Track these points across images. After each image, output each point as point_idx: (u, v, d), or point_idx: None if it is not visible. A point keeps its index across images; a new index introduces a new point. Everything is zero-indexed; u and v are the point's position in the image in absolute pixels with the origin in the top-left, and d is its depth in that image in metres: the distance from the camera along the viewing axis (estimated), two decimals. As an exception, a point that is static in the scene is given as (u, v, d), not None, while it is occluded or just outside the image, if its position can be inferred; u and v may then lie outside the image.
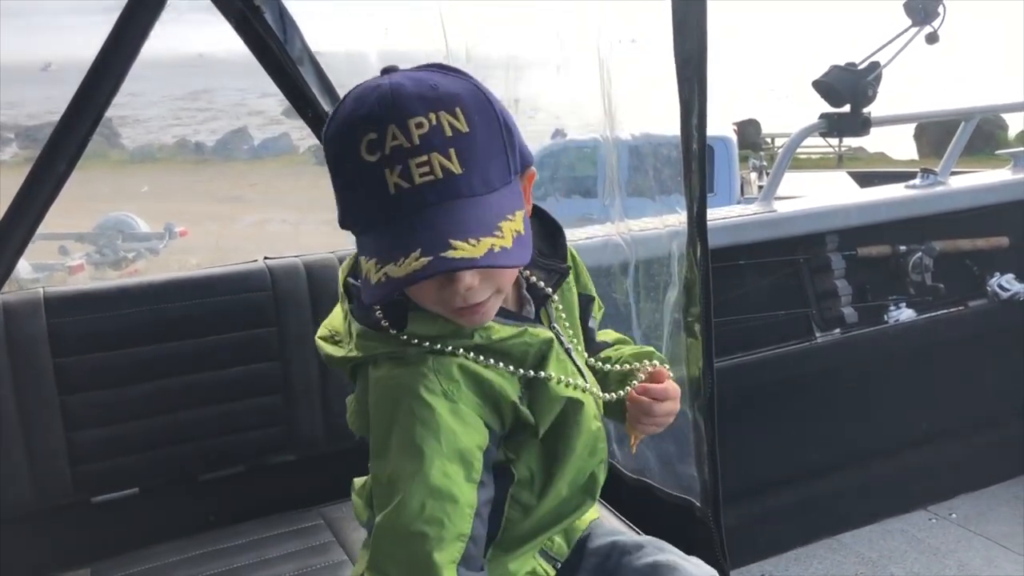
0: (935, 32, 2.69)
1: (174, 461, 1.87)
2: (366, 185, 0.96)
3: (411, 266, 0.93)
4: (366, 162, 0.95)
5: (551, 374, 1.14)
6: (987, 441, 2.99)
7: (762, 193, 2.91)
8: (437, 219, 0.95)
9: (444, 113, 0.96)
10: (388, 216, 0.97)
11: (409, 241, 0.95)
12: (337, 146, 0.99)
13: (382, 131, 0.95)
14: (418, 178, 0.95)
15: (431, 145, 0.95)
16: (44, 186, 1.73)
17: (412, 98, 0.96)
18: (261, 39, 1.87)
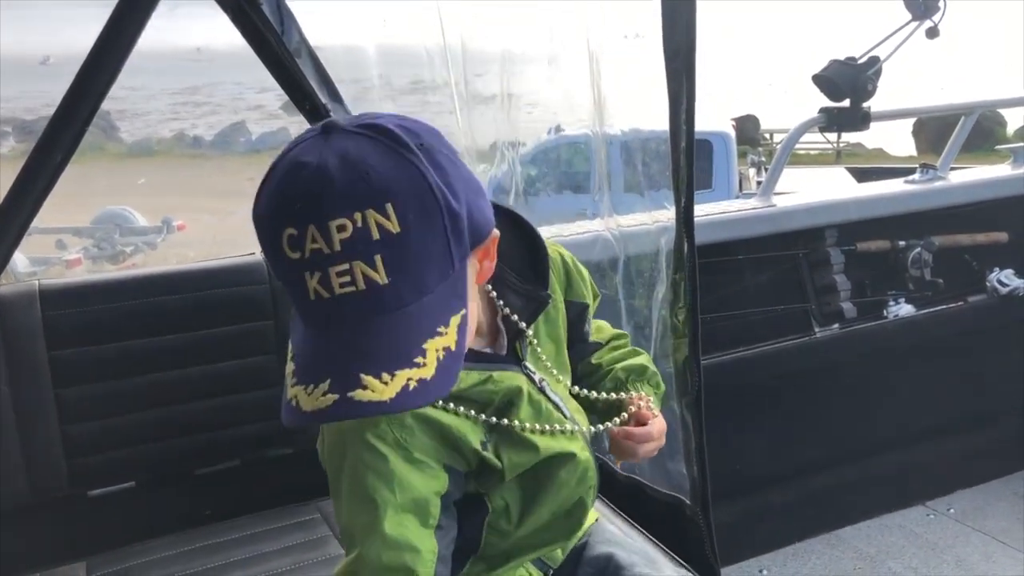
0: (935, 26, 2.68)
1: (170, 455, 1.86)
2: (289, 281, 0.87)
3: (318, 402, 0.84)
4: (288, 258, 0.85)
5: (517, 423, 1.09)
6: (986, 437, 2.99)
7: (761, 188, 2.90)
8: (353, 341, 0.86)
9: (372, 212, 0.83)
10: (308, 320, 0.89)
11: (322, 365, 0.86)
12: (261, 230, 0.88)
13: (302, 230, 0.84)
14: (338, 288, 0.84)
15: (354, 251, 0.83)
16: (40, 178, 1.72)
17: (337, 194, 0.83)
18: (258, 31, 1.86)
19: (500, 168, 2.10)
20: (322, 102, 1.98)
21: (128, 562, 1.71)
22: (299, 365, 0.88)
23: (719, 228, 2.51)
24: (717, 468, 1.66)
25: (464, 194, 0.90)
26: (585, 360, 1.35)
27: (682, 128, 1.50)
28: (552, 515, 1.18)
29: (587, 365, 1.35)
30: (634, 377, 1.32)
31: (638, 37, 1.82)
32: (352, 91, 2.06)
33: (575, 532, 1.28)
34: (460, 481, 1.10)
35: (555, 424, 1.14)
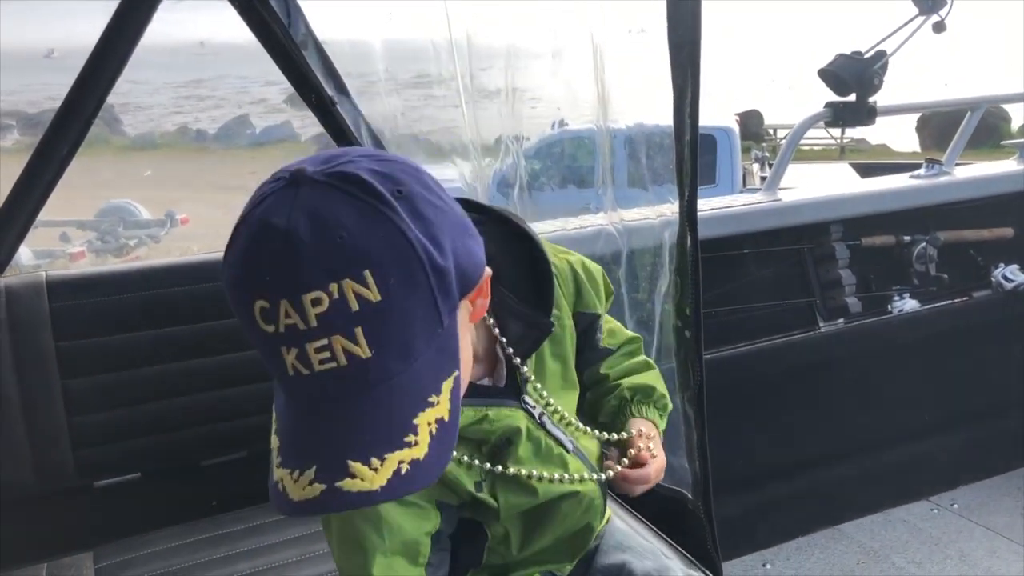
0: (942, 21, 2.67)
1: (176, 446, 1.87)
2: (265, 354, 0.80)
3: (305, 491, 0.78)
4: (262, 330, 0.78)
5: (514, 468, 1.06)
6: (989, 432, 2.99)
7: (766, 182, 2.89)
8: (339, 422, 0.79)
9: (350, 282, 0.75)
10: (287, 400, 0.82)
11: (307, 448, 0.80)
12: (231, 297, 0.81)
13: (274, 304, 0.76)
14: (317, 365, 0.77)
15: (331, 326, 0.76)
16: (46, 171, 1.73)
17: (310, 263, 0.75)
18: (265, 23, 1.86)
19: (505, 162, 2.10)
20: (328, 95, 1.98)
21: (134, 552, 1.72)
22: (284, 443, 0.82)
23: (724, 222, 2.51)
24: (720, 462, 1.66)
25: (450, 243, 0.81)
26: (594, 367, 1.30)
27: (686, 121, 1.51)
28: (556, 540, 1.16)
29: (595, 373, 1.30)
30: (640, 398, 1.26)
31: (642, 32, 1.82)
32: (358, 85, 2.06)
33: (582, 550, 1.25)
34: (453, 515, 1.08)
35: (554, 471, 1.10)
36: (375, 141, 2.08)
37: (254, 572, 1.67)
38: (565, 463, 1.12)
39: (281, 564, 1.69)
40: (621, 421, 1.25)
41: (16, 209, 1.75)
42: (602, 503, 1.19)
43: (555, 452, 1.11)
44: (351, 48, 2.13)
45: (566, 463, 1.12)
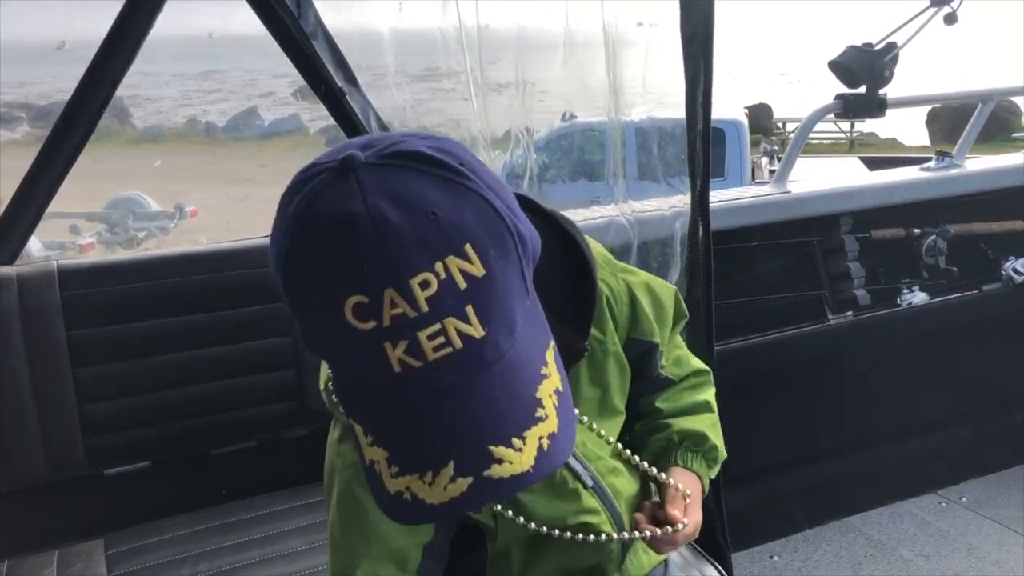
0: (954, 12, 2.66)
1: (186, 435, 1.88)
2: (357, 358, 0.73)
3: (448, 490, 0.72)
4: (355, 330, 0.71)
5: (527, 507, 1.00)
6: (999, 425, 2.98)
7: (776, 174, 2.88)
8: (463, 410, 0.73)
9: (453, 258, 0.71)
10: (394, 402, 0.74)
11: (435, 448, 0.73)
12: (307, 304, 0.74)
13: (376, 296, 0.70)
14: (431, 354, 0.71)
15: (443, 309, 0.71)
16: (56, 163, 1.74)
17: (410, 245, 0.70)
18: (275, 14, 1.86)
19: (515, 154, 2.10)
20: (338, 85, 1.98)
21: (145, 539, 1.73)
22: (397, 449, 0.74)
23: (733, 214, 2.50)
24: (729, 454, 1.66)
25: (516, 207, 0.79)
26: (649, 397, 1.21)
27: (698, 111, 1.51)
28: (562, 571, 1.10)
29: (649, 404, 1.20)
30: (689, 445, 1.17)
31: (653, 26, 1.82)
32: (367, 78, 2.07)
33: None
34: (449, 524, 1.04)
35: (560, 505, 1.04)
36: (384, 131, 2.09)
37: (264, 560, 1.68)
38: (579, 498, 1.04)
39: (291, 552, 1.70)
40: (663, 466, 1.15)
41: (27, 200, 1.76)
42: (620, 552, 1.10)
43: (569, 485, 1.04)
44: (361, 40, 2.13)
45: (580, 498, 1.04)
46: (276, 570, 1.65)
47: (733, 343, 2.45)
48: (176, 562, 1.68)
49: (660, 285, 1.18)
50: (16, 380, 1.70)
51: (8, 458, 1.70)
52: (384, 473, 0.75)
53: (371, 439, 0.76)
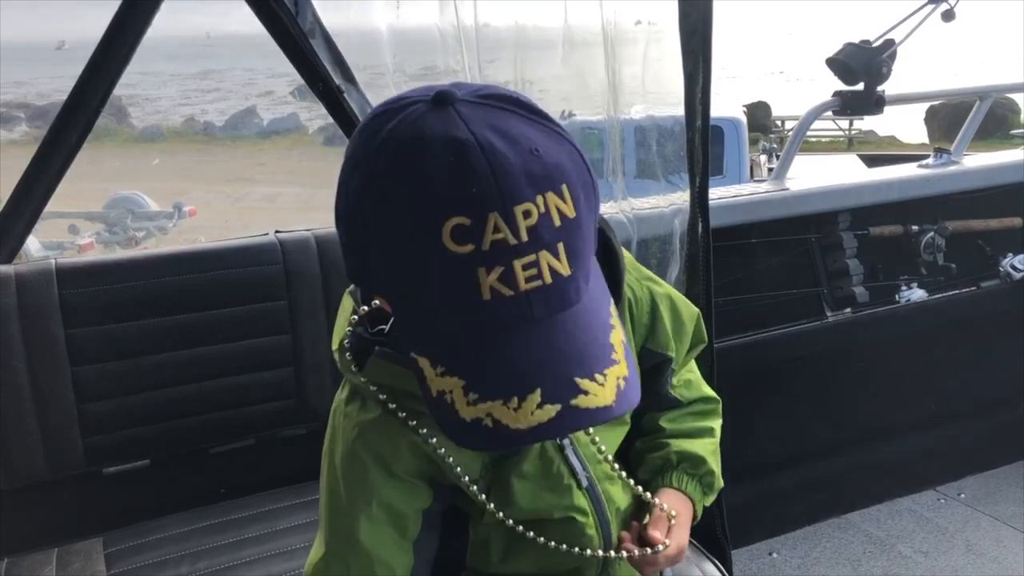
0: (951, 9, 2.66)
1: (185, 433, 1.88)
2: (445, 283, 0.73)
3: (534, 416, 0.73)
4: (449, 253, 0.71)
5: (516, 482, 0.99)
6: (997, 422, 2.98)
7: (773, 173, 2.88)
8: (549, 342, 0.75)
9: (552, 195, 0.73)
10: (477, 328, 0.75)
11: (522, 375, 0.74)
12: (398, 225, 0.73)
13: (479, 219, 0.71)
14: (523, 284, 0.72)
15: (540, 241, 0.72)
16: (53, 161, 1.74)
17: (517, 174, 0.71)
18: (273, 12, 1.86)
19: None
20: (336, 84, 1.98)
21: (144, 538, 1.73)
22: (479, 375, 0.75)
23: (731, 211, 2.50)
24: (728, 451, 1.65)
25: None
26: (654, 415, 1.19)
27: (697, 109, 1.51)
28: (542, 570, 1.08)
29: (652, 422, 1.18)
30: (686, 467, 1.15)
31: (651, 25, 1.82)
32: (366, 77, 2.07)
33: None
34: (447, 494, 1.03)
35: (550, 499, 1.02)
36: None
37: (262, 557, 1.68)
38: (570, 494, 1.03)
39: (289, 550, 1.70)
40: (657, 485, 1.13)
41: (24, 200, 1.76)
42: (600, 561, 1.07)
43: (564, 481, 1.02)
44: (359, 39, 2.13)
45: (571, 495, 1.03)
46: (274, 568, 1.66)
47: (732, 340, 2.45)
48: (175, 560, 1.68)
49: (683, 303, 1.16)
50: (15, 379, 1.70)
51: (7, 457, 1.70)
52: (458, 402, 0.75)
53: (442, 369, 0.76)
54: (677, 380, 1.19)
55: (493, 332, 0.74)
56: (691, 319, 1.17)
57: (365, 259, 0.78)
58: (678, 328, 1.14)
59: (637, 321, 1.10)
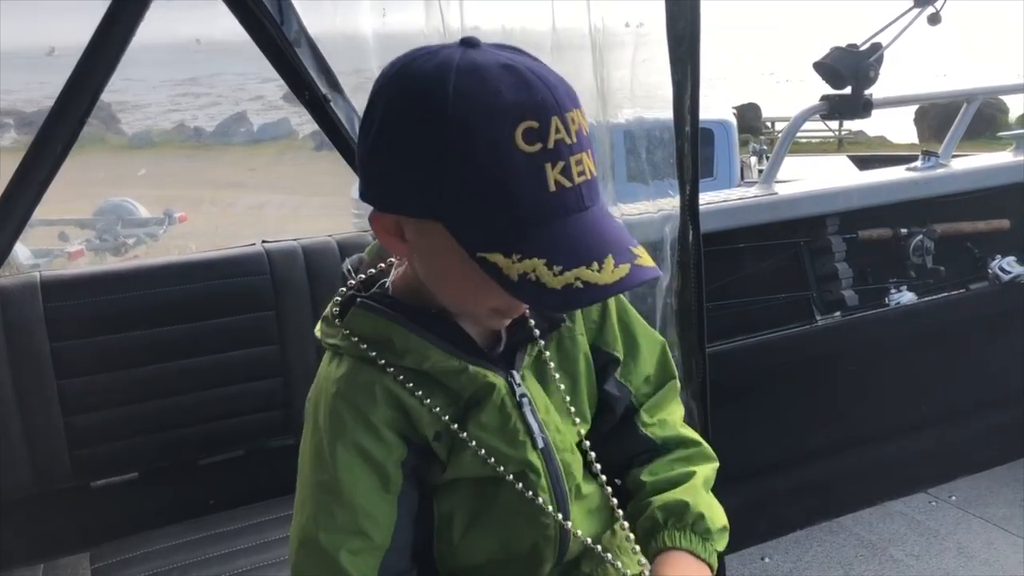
0: (937, 13, 2.67)
1: (173, 445, 1.87)
2: (518, 184, 0.85)
3: (614, 274, 0.86)
4: (521, 152, 0.84)
5: (474, 433, 1.02)
6: (987, 424, 2.99)
7: (763, 176, 2.89)
8: (600, 223, 0.89)
9: (580, 111, 0.90)
10: (547, 217, 0.87)
11: (594, 246, 0.87)
12: (476, 131, 0.84)
13: (544, 121, 0.85)
14: (576, 177, 0.87)
15: (583, 144, 0.88)
16: (39, 170, 1.73)
17: (561, 89, 0.88)
18: (258, 21, 1.86)
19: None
20: (321, 92, 1.98)
21: (132, 552, 1.72)
22: (559, 255, 0.86)
23: (721, 216, 2.50)
24: (718, 455, 1.66)
25: None
26: (635, 473, 1.16)
27: (686, 116, 1.51)
28: (501, 547, 1.08)
29: (635, 480, 1.16)
30: (673, 522, 1.10)
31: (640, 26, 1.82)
32: (352, 81, 2.06)
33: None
34: (419, 451, 1.04)
35: (507, 450, 1.04)
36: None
37: (252, 569, 1.68)
38: (524, 449, 1.05)
39: (280, 561, 1.69)
40: (652, 552, 1.10)
41: (10, 208, 1.75)
42: (557, 533, 1.08)
43: (520, 438, 1.05)
44: (346, 44, 2.12)
45: (525, 450, 1.05)
46: (265, 580, 1.65)
47: (722, 344, 2.45)
48: (164, 574, 1.67)
49: (643, 328, 1.20)
50: (0, 393, 1.69)
51: (-7, 471, 1.69)
52: (544, 277, 0.86)
53: (519, 256, 0.86)
54: (649, 418, 1.18)
55: (561, 217, 0.87)
56: (650, 344, 1.19)
57: (432, 182, 0.87)
58: (628, 341, 1.17)
59: (587, 317, 1.15)
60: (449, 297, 0.99)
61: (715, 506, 1.13)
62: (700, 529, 1.09)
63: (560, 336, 1.11)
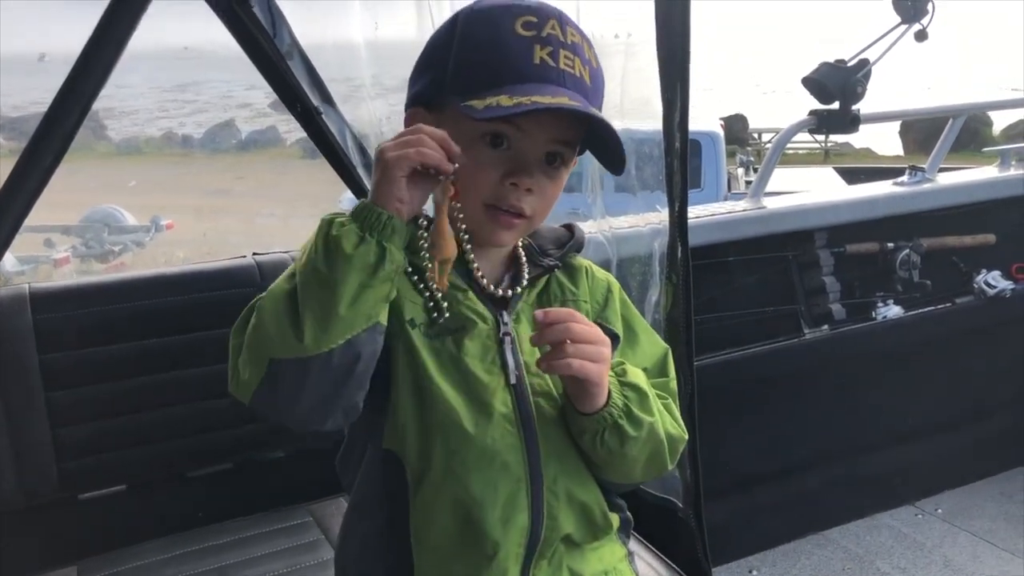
0: (924, 29, 2.70)
1: (161, 457, 1.86)
2: (508, 52, 1.02)
3: (562, 101, 0.99)
4: (517, 34, 1.02)
5: (447, 344, 1.06)
6: (973, 437, 3.01)
7: (751, 189, 2.91)
8: (574, 97, 1.01)
9: (586, 43, 1.06)
10: (526, 78, 1.01)
11: (555, 93, 1.00)
12: (484, 18, 1.04)
13: (542, 19, 1.03)
14: (562, 63, 1.02)
15: (578, 52, 1.04)
16: (30, 179, 1.71)
17: (566, 14, 1.05)
18: (250, 34, 1.86)
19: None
20: (313, 104, 1.98)
21: (120, 566, 1.71)
22: (526, 93, 0.99)
23: (709, 230, 2.52)
24: (706, 468, 1.66)
25: None
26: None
27: (675, 134, 1.51)
28: (454, 504, 1.05)
29: None
30: (621, 375, 1.12)
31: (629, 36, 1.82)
32: (344, 90, 2.06)
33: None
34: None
35: (487, 375, 1.06)
36: (360, 150, 2.08)
37: (241, 584, 1.67)
38: (493, 387, 1.06)
39: (269, 575, 1.68)
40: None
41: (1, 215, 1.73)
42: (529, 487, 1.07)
43: (494, 371, 1.07)
44: (337, 53, 2.12)
45: (494, 388, 1.06)
46: (253, 595, 1.64)
47: (710, 358, 2.46)
48: (152, 588, 1.66)
49: (645, 327, 1.24)
50: (-13, 405, 1.68)
51: (-21, 484, 1.68)
52: (503, 102, 0.98)
53: (492, 99, 0.99)
54: None
55: (538, 82, 1.01)
56: (652, 343, 1.23)
57: (443, 58, 1.06)
58: (628, 329, 1.21)
59: (594, 290, 1.20)
60: (461, 191, 1.02)
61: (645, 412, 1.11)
62: (627, 383, 1.10)
63: (564, 299, 1.16)
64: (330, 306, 0.93)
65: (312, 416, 1.00)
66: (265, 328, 0.96)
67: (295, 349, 0.94)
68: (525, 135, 1.04)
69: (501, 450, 1.06)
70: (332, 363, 0.95)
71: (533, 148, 1.05)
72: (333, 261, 0.93)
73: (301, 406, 0.98)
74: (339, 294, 0.93)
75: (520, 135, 1.04)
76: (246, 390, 0.99)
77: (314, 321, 0.93)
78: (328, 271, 0.93)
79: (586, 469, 1.15)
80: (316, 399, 0.98)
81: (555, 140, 1.06)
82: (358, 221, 0.94)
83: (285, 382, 0.96)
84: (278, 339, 0.95)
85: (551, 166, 1.07)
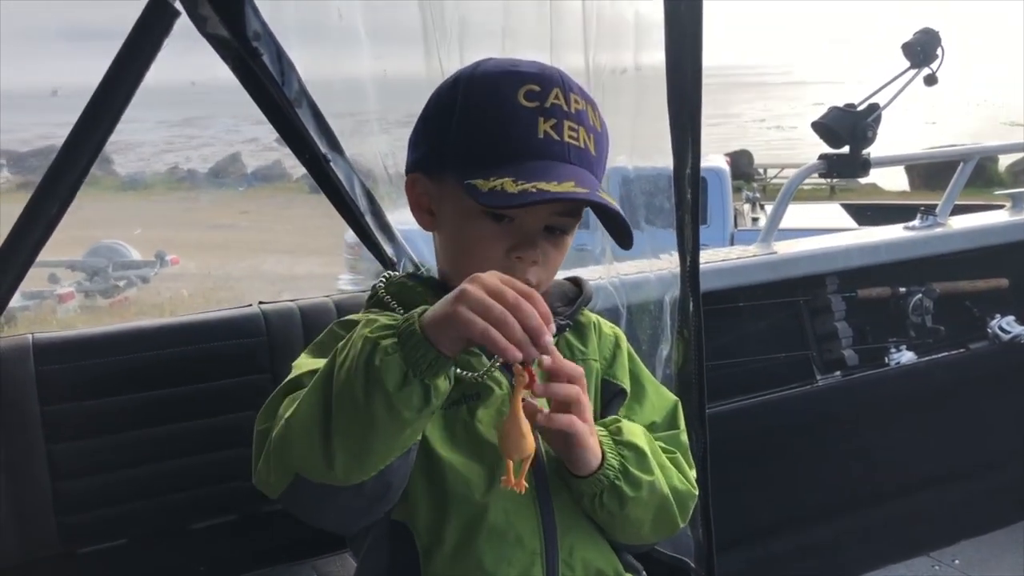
0: (933, 74, 2.69)
1: (164, 511, 1.82)
2: (511, 126, 1.01)
3: (568, 188, 0.97)
4: (520, 106, 1.01)
5: (460, 413, 1.05)
6: (990, 485, 2.95)
7: (761, 234, 2.88)
8: (578, 174, 1.01)
9: (590, 106, 1.06)
10: (530, 155, 1.00)
11: (560, 174, 0.99)
12: (487, 87, 1.03)
13: (546, 88, 1.02)
14: (567, 137, 1.01)
15: (583, 120, 1.04)
16: (41, 219, 1.68)
17: (571, 79, 1.05)
18: (258, 81, 1.85)
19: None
20: (321, 151, 1.96)
21: (119, 623, 1.67)
22: (527, 176, 0.98)
23: (720, 275, 2.49)
24: (719, 518, 1.63)
25: None
26: None
27: (686, 187, 1.49)
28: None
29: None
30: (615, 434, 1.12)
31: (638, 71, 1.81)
32: (348, 124, 2.05)
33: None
34: None
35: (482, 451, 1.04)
36: (368, 197, 2.07)
37: (243, 644, 1.63)
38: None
39: (271, 634, 1.64)
40: None
41: (11, 257, 1.70)
42: (544, 562, 1.04)
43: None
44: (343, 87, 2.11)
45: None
46: (256, 655, 1.60)
47: (722, 405, 2.43)
48: (152, 646, 1.62)
49: (652, 381, 1.26)
50: (-14, 457, 1.65)
51: (-23, 538, 1.64)
52: (508, 187, 0.97)
53: (496, 180, 0.98)
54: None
55: (543, 159, 1.01)
56: (660, 397, 1.24)
57: (445, 127, 1.05)
58: (635, 383, 1.22)
59: (602, 347, 1.21)
60: (466, 260, 1.04)
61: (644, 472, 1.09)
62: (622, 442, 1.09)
63: (574, 359, 1.13)
64: (366, 442, 0.89)
65: (340, 527, 1.04)
66: (293, 445, 0.93)
67: (324, 476, 0.91)
68: (528, 212, 1.03)
69: (515, 522, 1.03)
70: (363, 491, 0.92)
71: (536, 222, 1.05)
72: (372, 395, 0.86)
73: (327, 520, 1.00)
74: (377, 430, 0.88)
75: (523, 212, 1.03)
76: (271, 491, 1.00)
77: (347, 455, 0.89)
78: (366, 402, 0.86)
79: (599, 533, 1.12)
80: (344, 517, 0.99)
81: (558, 214, 1.06)
82: (404, 350, 0.86)
83: (312, 498, 0.95)
84: (307, 462, 0.92)
85: (554, 235, 1.08)
